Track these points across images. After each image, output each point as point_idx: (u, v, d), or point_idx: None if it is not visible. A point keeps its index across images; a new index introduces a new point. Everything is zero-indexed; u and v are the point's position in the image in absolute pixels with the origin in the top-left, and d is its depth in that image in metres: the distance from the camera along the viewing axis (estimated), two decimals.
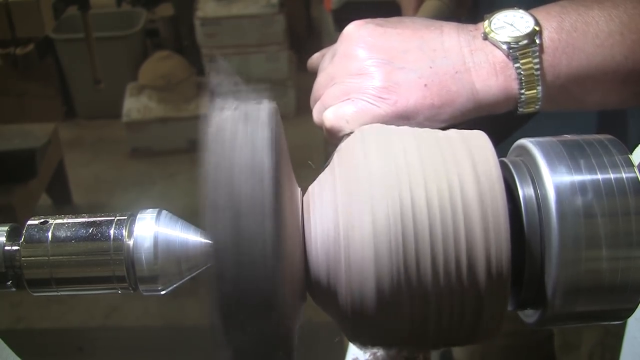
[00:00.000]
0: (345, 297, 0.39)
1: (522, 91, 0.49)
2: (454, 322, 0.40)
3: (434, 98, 0.49)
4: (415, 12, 0.85)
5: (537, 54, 0.48)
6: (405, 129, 0.44)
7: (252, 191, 0.35)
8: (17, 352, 0.55)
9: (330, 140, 0.51)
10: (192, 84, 3.00)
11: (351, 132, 0.48)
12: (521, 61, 0.48)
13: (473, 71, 0.49)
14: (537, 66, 0.48)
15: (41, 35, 1.96)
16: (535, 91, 0.49)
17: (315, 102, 0.54)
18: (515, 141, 0.45)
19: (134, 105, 2.98)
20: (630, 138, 0.72)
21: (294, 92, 3.14)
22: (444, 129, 0.45)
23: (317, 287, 0.41)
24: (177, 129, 2.94)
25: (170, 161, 2.89)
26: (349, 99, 0.50)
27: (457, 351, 1.10)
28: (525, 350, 1.04)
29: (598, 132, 0.43)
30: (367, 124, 0.48)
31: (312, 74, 0.58)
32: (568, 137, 0.42)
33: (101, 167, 2.93)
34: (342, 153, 0.43)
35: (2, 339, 0.54)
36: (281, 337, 0.36)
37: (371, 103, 0.49)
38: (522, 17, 0.50)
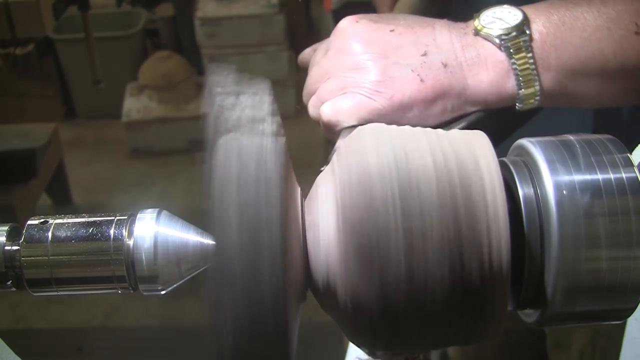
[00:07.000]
0: (346, 297, 0.39)
1: (520, 87, 0.49)
2: (454, 322, 0.40)
3: (428, 92, 0.49)
4: (390, 9, 0.86)
5: (529, 43, 0.49)
6: (404, 128, 0.44)
7: (258, 198, 0.35)
8: (17, 352, 0.55)
9: (327, 134, 0.52)
10: (192, 84, 3.00)
11: (348, 126, 0.49)
12: (515, 56, 0.49)
13: (465, 66, 0.50)
14: (532, 60, 0.49)
15: (41, 35, 1.97)
16: (532, 87, 0.49)
17: (309, 96, 0.55)
18: (515, 141, 0.45)
19: (134, 105, 2.98)
20: (628, 138, 0.72)
21: (294, 92, 3.13)
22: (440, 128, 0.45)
23: (317, 287, 0.41)
24: (177, 129, 2.94)
25: (170, 161, 2.89)
26: (345, 93, 0.50)
27: (451, 349, 1.10)
28: (518, 347, 1.04)
29: (595, 132, 0.43)
30: (363, 118, 0.49)
31: (307, 71, 0.59)
32: (568, 136, 0.42)
33: (101, 167, 2.93)
34: (340, 153, 0.43)
35: (2, 339, 0.54)
36: (281, 337, 0.36)
37: (367, 97, 0.49)
38: (510, 12, 0.51)
